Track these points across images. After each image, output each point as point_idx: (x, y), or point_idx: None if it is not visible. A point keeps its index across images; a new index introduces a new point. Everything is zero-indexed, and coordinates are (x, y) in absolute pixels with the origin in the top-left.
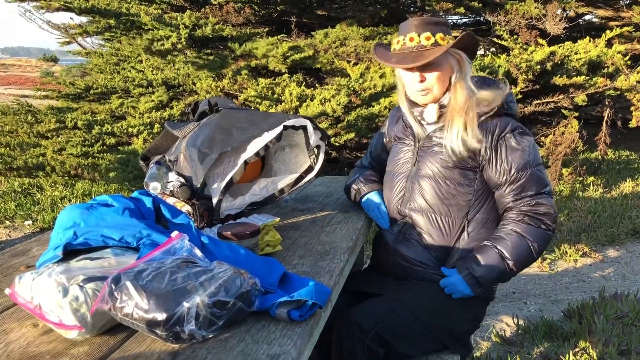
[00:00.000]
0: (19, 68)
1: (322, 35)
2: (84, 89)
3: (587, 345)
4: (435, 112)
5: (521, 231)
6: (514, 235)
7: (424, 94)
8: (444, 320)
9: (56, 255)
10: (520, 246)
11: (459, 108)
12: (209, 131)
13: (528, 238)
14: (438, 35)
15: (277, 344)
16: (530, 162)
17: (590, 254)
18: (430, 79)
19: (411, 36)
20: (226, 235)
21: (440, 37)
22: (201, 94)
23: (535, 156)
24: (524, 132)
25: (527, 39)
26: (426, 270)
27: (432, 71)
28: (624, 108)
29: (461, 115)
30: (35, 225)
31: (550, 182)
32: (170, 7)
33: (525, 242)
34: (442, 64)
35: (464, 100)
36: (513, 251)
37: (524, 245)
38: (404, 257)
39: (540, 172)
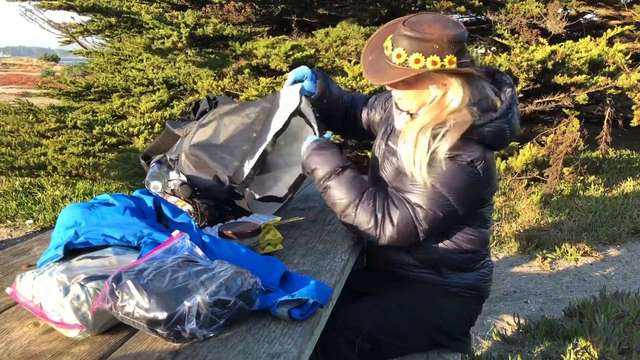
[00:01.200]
0: (20, 67)
1: (323, 35)
2: (84, 88)
3: (588, 344)
4: (402, 122)
5: (366, 193)
6: (359, 183)
7: (398, 102)
8: (434, 317)
9: (57, 254)
10: (350, 191)
11: (416, 125)
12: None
13: (360, 201)
14: (414, 56)
15: (278, 342)
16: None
17: (591, 253)
18: (397, 93)
19: (387, 45)
20: (227, 234)
21: (416, 59)
22: (202, 93)
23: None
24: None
25: (528, 38)
26: (412, 270)
27: (397, 88)
28: (625, 107)
29: (414, 134)
30: (36, 224)
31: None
32: (171, 6)
33: (355, 197)
34: (413, 85)
35: (423, 121)
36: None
37: (350, 196)
38: (388, 261)
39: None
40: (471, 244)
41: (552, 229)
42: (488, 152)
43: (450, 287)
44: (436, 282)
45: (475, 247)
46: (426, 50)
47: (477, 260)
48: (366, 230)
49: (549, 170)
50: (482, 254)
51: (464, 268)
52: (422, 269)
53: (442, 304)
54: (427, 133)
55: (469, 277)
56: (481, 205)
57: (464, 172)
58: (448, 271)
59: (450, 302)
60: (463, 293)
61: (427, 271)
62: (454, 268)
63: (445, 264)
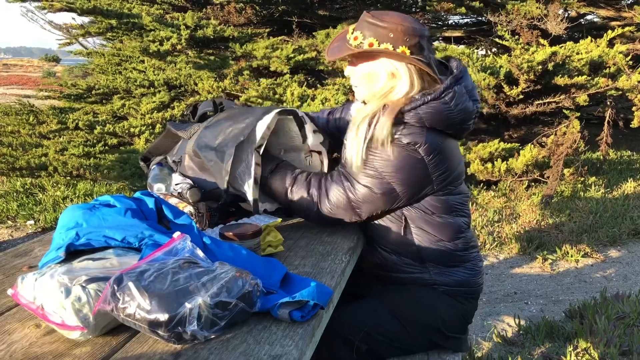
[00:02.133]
0: (21, 68)
1: (324, 36)
2: (85, 89)
3: (589, 345)
4: (355, 110)
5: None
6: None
7: (354, 89)
8: (429, 318)
9: (58, 255)
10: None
11: (359, 115)
12: (220, 129)
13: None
14: (369, 40)
15: (279, 344)
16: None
17: (592, 255)
18: (353, 77)
19: (347, 29)
20: (228, 236)
21: (370, 43)
22: (203, 95)
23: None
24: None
25: (529, 39)
26: (399, 271)
27: (355, 70)
28: (626, 108)
29: (356, 123)
30: (37, 225)
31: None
32: (171, 7)
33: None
34: (370, 69)
35: (365, 111)
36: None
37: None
38: (375, 264)
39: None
40: (443, 234)
41: (553, 230)
42: (437, 136)
43: (439, 286)
44: (425, 282)
45: (449, 236)
46: (381, 37)
47: (458, 252)
48: (306, 209)
49: (549, 172)
50: (462, 245)
51: (448, 262)
52: (408, 268)
53: (436, 305)
54: (365, 122)
55: (456, 272)
56: (433, 191)
57: (401, 153)
58: (433, 267)
59: (444, 302)
60: (454, 292)
61: (413, 269)
62: (437, 261)
63: (428, 257)
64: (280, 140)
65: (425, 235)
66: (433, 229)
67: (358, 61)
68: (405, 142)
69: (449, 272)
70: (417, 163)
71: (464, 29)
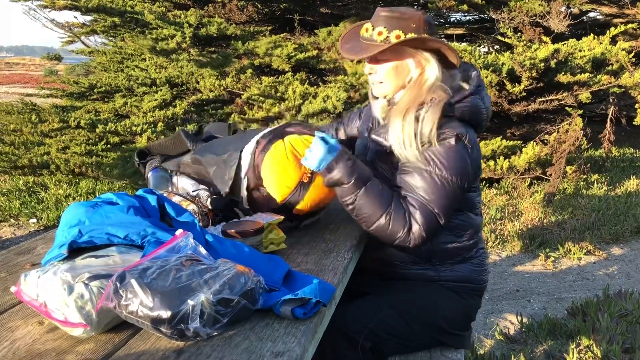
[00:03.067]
0: (23, 67)
1: (326, 33)
2: (87, 87)
3: (591, 343)
4: (380, 108)
5: (394, 200)
6: (388, 193)
7: (376, 86)
8: (433, 316)
9: (61, 253)
10: (381, 201)
11: (400, 108)
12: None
13: (391, 209)
14: (395, 32)
15: (281, 341)
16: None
17: (595, 252)
18: (378, 73)
19: (367, 27)
20: (230, 233)
21: (397, 35)
22: (204, 93)
23: (452, 168)
24: (455, 139)
25: (531, 37)
26: (404, 267)
27: (380, 66)
28: (629, 105)
29: (400, 117)
30: (39, 223)
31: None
32: (173, 5)
33: (386, 206)
34: (396, 62)
35: (407, 100)
36: (373, 194)
37: (382, 205)
38: (379, 260)
39: (443, 186)
40: (463, 231)
41: (555, 228)
42: (470, 129)
43: (445, 282)
44: (430, 278)
45: (466, 234)
46: (405, 28)
47: (468, 248)
48: (398, 237)
49: (552, 169)
50: (473, 242)
51: (456, 258)
52: (413, 265)
53: (440, 302)
54: (410, 116)
55: (462, 268)
56: (473, 182)
57: (453, 149)
58: (440, 263)
59: (448, 299)
60: (459, 288)
61: (419, 266)
62: (445, 258)
63: (437, 254)
64: None
65: (446, 232)
66: (457, 226)
67: (382, 56)
68: (454, 135)
69: (455, 268)
70: (467, 155)
71: (466, 27)
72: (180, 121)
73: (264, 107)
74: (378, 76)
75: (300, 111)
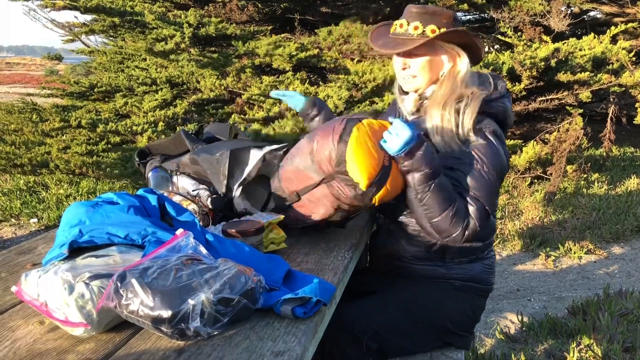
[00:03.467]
0: (24, 67)
1: (326, 33)
2: (88, 87)
3: (592, 342)
4: (412, 102)
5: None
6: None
7: (408, 80)
8: (439, 316)
9: (62, 253)
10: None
11: (438, 100)
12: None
13: (457, 202)
14: (430, 27)
15: (281, 341)
16: (482, 164)
17: (595, 251)
18: (413, 67)
19: (401, 22)
20: (231, 233)
21: (432, 29)
22: (205, 92)
23: (493, 163)
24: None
25: (531, 36)
26: (415, 262)
27: (415, 60)
28: (629, 105)
29: (439, 109)
30: (40, 223)
31: (495, 199)
32: (173, 5)
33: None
34: (430, 56)
35: (444, 93)
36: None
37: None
38: (391, 254)
39: (487, 180)
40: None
41: (556, 227)
42: (500, 129)
43: (455, 280)
44: (440, 275)
45: (484, 234)
46: (439, 23)
47: (482, 249)
48: (454, 233)
49: (552, 168)
50: (487, 243)
51: (470, 257)
52: (425, 261)
53: (448, 302)
54: (449, 107)
55: (473, 268)
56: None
57: (493, 145)
58: (453, 261)
59: (456, 299)
60: (468, 287)
61: (431, 263)
62: (460, 256)
63: (452, 251)
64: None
65: None
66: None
67: (418, 51)
68: (491, 131)
69: (467, 267)
70: (502, 151)
71: (466, 26)
72: (181, 121)
73: (265, 107)
74: (412, 70)
75: None
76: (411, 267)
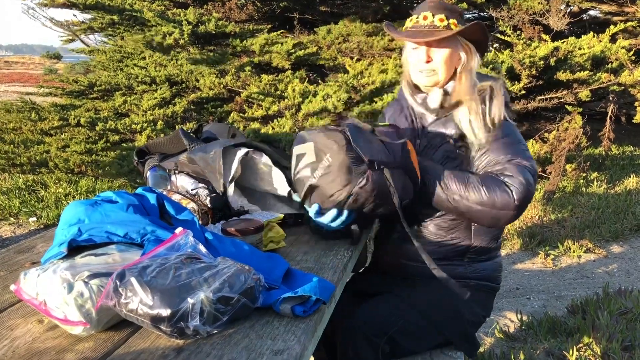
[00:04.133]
0: (23, 65)
1: (325, 32)
2: (87, 86)
3: (591, 341)
4: (439, 97)
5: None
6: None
7: (429, 74)
8: (452, 316)
9: (61, 251)
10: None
11: (464, 94)
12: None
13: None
14: (452, 20)
15: (281, 339)
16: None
17: (594, 250)
18: (437, 59)
19: (425, 15)
20: (230, 231)
21: (454, 22)
22: (204, 91)
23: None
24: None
25: (531, 35)
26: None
27: (439, 52)
28: (628, 104)
29: (466, 102)
30: (39, 221)
31: (532, 159)
32: (173, 4)
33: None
34: (451, 49)
35: (467, 87)
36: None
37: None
38: (406, 255)
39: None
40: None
41: (555, 226)
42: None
43: (471, 280)
44: (458, 275)
45: (498, 233)
46: (457, 18)
47: (496, 248)
48: (507, 205)
49: (551, 167)
50: (500, 242)
51: (487, 255)
52: (444, 260)
53: (462, 303)
54: (476, 99)
55: (487, 266)
56: None
57: (512, 126)
58: (471, 260)
59: (469, 300)
60: (482, 286)
61: (450, 262)
62: (479, 254)
63: (474, 250)
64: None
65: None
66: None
67: (439, 44)
68: (508, 117)
69: (482, 266)
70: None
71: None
72: (180, 119)
73: (264, 106)
74: (434, 64)
75: (300, 110)
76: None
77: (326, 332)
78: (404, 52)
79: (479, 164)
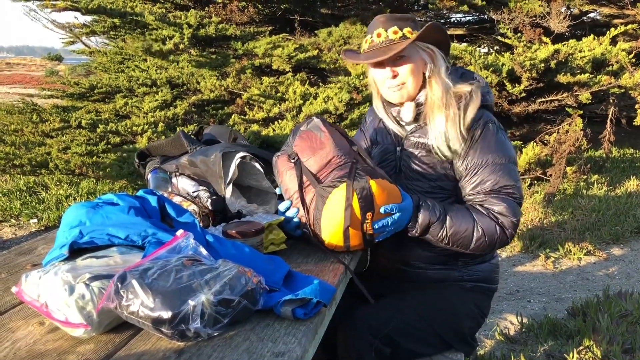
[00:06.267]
0: (24, 67)
1: (326, 34)
2: (88, 88)
3: (591, 343)
4: (411, 110)
5: (472, 212)
6: (464, 209)
7: (398, 89)
8: (451, 318)
9: (62, 253)
10: (465, 218)
11: (438, 103)
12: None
13: (475, 219)
14: (406, 29)
15: (281, 342)
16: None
17: (595, 253)
18: (402, 73)
19: (378, 32)
20: (231, 234)
21: (409, 31)
22: (205, 93)
23: (504, 151)
24: (494, 125)
25: (531, 37)
26: (429, 268)
27: (403, 64)
28: (629, 106)
29: (441, 110)
30: (40, 223)
31: (518, 183)
32: (174, 6)
33: (471, 219)
34: (414, 58)
35: (440, 94)
36: (456, 216)
37: (468, 221)
38: (402, 260)
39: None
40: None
41: (555, 228)
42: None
43: (467, 282)
44: (454, 279)
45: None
46: (411, 25)
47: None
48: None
49: (552, 170)
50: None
51: (482, 257)
52: (438, 265)
53: (458, 303)
54: (452, 106)
55: (483, 268)
56: None
57: (498, 136)
58: (465, 263)
59: (465, 300)
60: (478, 288)
61: (445, 266)
62: (473, 257)
63: (466, 255)
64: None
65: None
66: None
67: (401, 57)
68: (492, 122)
69: (478, 268)
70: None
71: (466, 27)
72: (181, 121)
73: (265, 108)
74: (401, 77)
75: (301, 112)
76: (424, 272)
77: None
78: (368, 74)
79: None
